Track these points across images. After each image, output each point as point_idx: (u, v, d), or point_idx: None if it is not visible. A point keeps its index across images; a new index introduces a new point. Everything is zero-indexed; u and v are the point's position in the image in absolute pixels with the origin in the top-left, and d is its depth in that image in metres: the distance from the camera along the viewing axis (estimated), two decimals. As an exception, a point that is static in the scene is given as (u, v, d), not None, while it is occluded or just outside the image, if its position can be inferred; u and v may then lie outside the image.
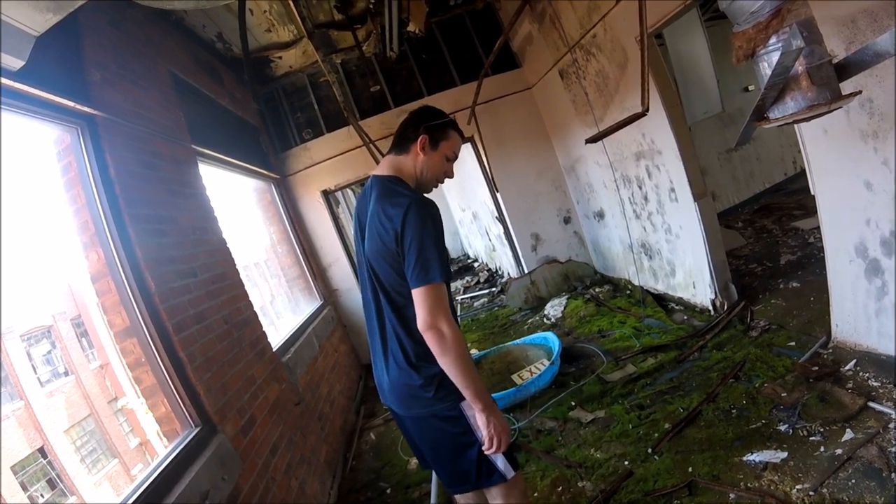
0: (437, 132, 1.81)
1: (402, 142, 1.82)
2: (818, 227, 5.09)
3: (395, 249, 1.63)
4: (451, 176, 1.91)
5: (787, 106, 1.83)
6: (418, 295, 1.60)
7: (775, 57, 1.78)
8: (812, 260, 4.52)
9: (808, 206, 6.03)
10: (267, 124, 5.81)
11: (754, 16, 1.80)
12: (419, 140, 1.77)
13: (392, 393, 1.80)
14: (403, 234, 1.60)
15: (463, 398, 1.69)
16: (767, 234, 5.79)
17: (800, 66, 1.72)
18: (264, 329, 3.36)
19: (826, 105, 1.72)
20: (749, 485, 2.33)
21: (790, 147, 7.73)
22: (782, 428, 2.59)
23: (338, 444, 3.94)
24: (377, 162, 4.49)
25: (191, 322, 2.46)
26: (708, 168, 6.86)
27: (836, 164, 2.77)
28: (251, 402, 2.71)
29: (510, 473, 1.76)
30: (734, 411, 2.87)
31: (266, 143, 5.56)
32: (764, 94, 1.84)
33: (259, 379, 2.92)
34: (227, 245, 3.28)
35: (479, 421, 1.66)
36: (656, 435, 2.92)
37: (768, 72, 1.82)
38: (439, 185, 1.90)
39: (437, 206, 1.70)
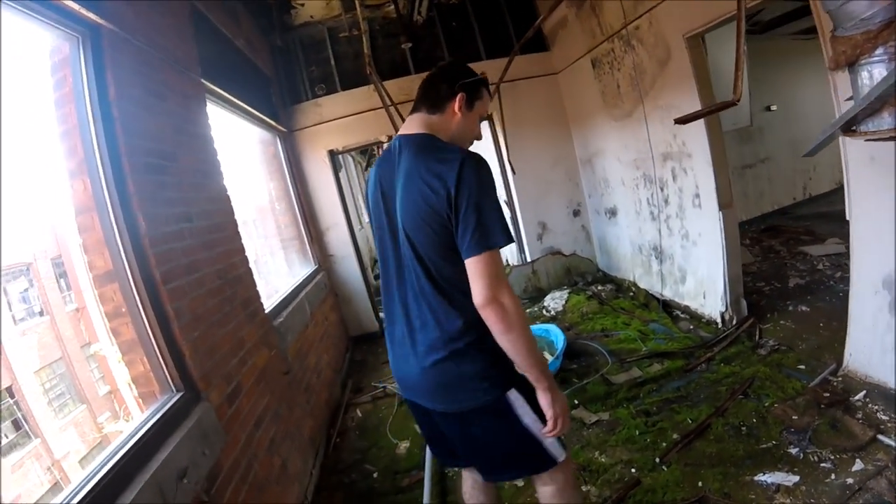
0: (474, 91, 1.61)
1: (434, 100, 1.60)
2: (828, 255, 5.13)
3: (444, 212, 1.40)
4: (479, 138, 1.72)
5: (883, 121, 1.71)
6: (475, 264, 1.38)
7: (878, 69, 1.68)
8: (821, 286, 4.46)
9: (816, 233, 6.01)
10: (279, 74, 5.51)
11: (865, 22, 1.68)
12: (457, 98, 1.57)
13: (424, 386, 1.57)
14: (458, 194, 1.38)
15: (509, 388, 1.53)
16: (775, 254, 5.71)
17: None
18: (258, 289, 3.13)
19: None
20: (761, 505, 2.25)
21: (802, 173, 7.77)
22: (793, 451, 2.53)
23: (322, 420, 3.75)
24: (395, 127, 4.24)
25: (182, 272, 2.20)
26: (721, 180, 6.80)
27: (878, 193, 2.65)
28: (239, 367, 2.47)
29: (561, 456, 1.64)
30: (744, 428, 2.79)
31: (276, 95, 5.27)
32: (862, 106, 1.70)
33: (249, 343, 2.69)
34: (228, 193, 3.03)
35: (543, 401, 1.50)
36: (664, 444, 2.81)
37: (868, 82, 1.72)
38: (469, 147, 1.67)
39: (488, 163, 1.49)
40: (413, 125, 1.60)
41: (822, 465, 2.38)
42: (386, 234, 1.59)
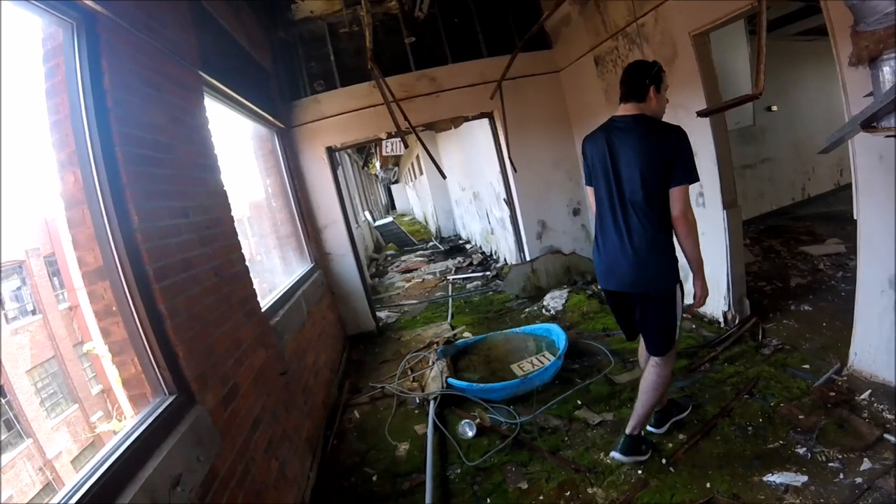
0: (657, 79, 2.31)
1: (636, 94, 2.32)
2: (828, 255, 5.09)
3: (668, 160, 2.20)
4: (667, 101, 2.45)
5: (906, 117, 1.64)
6: (680, 191, 2.22)
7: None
8: (822, 286, 4.45)
9: (816, 233, 5.97)
10: (278, 70, 5.43)
11: (888, 17, 1.63)
12: (650, 90, 2.29)
13: (632, 273, 2.36)
14: (678, 148, 2.20)
15: (676, 285, 2.37)
16: (775, 254, 5.69)
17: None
18: (254, 286, 3.05)
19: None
20: (771, 506, 2.22)
21: (802, 174, 7.82)
22: (800, 451, 2.51)
23: (320, 421, 3.67)
24: (396, 123, 4.18)
25: (177, 269, 2.10)
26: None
27: (886, 192, 2.64)
28: (235, 368, 2.39)
29: (674, 345, 2.50)
30: (750, 429, 2.78)
31: (275, 90, 5.19)
32: (884, 102, 1.65)
33: (245, 343, 2.60)
34: (225, 188, 2.94)
35: (698, 287, 2.40)
36: (670, 445, 2.78)
37: (890, 77, 1.67)
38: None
39: None
40: (630, 110, 2.35)
41: (831, 464, 2.38)
42: (611, 177, 2.36)
